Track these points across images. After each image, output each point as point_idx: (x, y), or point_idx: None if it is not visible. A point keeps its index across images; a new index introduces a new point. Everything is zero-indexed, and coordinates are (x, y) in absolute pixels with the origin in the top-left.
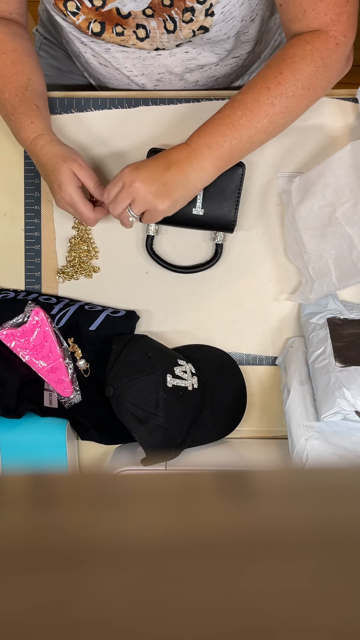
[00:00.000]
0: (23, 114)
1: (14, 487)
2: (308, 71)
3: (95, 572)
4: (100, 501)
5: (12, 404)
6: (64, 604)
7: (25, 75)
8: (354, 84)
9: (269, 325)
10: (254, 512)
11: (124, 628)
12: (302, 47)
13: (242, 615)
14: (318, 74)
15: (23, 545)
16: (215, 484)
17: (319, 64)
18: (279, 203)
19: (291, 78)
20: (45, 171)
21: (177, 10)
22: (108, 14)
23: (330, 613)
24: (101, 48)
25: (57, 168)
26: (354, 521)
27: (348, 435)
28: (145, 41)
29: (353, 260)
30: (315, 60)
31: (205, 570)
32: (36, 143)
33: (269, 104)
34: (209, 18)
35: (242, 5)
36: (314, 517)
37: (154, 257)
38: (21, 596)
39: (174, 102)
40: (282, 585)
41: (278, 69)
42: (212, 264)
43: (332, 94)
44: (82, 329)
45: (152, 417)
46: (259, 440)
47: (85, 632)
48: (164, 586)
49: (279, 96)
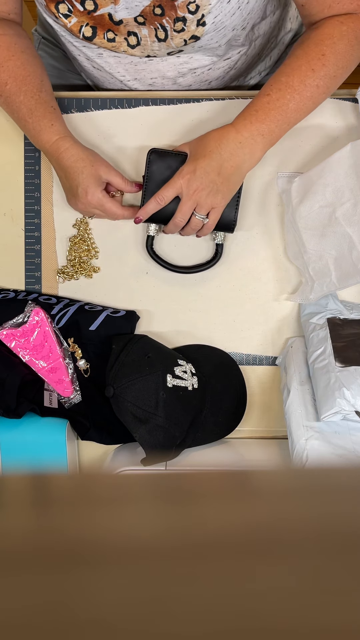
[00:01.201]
0: (42, 117)
1: (14, 487)
2: (346, 50)
3: (95, 572)
4: (100, 501)
5: (12, 404)
6: (65, 603)
7: (37, 76)
8: (354, 84)
9: (269, 325)
10: (254, 512)
11: (124, 628)
12: (338, 28)
13: (243, 615)
14: (354, 52)
15: (23, 545)
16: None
17: (354, 43)
18: (279, 203)
19: (333, 59)
20: (69, 174)
21: (168, 19)
22: (100, 19)
23: (330, 613)
24: (93, 53)
25: (84, 171)
26: (354, 521)
27: (348, 435)
28: (136, 48)
29: (353, 260)
30: (351, 39)
31: (205, 570)
32: (59, 145)
33: (314, 86)
34: (201, 28)
35: (233, 15)
36: (314, 517)
37: (155, 257)
38: (21, 596)
39: (174, 102)
40: (282, 584)
41: (319, 50)
42: (212, 264)
43: (332, 94)
44: (82, 329)
45: (152, 417)
46: (259, 440)
47: (85, 632)
48: (164, 586)
49: (324, 77)
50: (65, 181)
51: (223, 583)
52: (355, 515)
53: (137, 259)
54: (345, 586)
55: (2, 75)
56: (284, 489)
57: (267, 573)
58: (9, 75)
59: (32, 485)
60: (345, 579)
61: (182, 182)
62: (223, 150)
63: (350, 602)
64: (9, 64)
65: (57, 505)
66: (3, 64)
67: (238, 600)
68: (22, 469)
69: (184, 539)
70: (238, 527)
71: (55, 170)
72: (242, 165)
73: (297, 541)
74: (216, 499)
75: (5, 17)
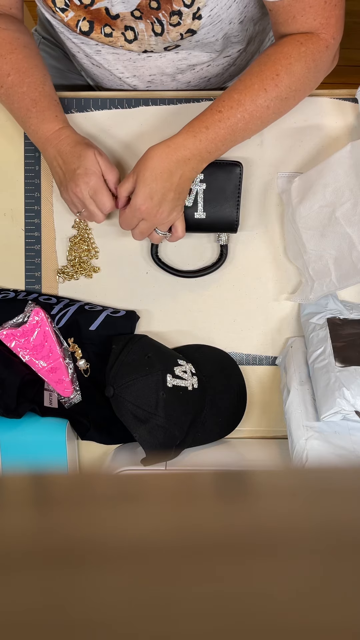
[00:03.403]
0: (46, 108)
1: (14, 487)
2: (302, 73)
3: (95, 572)
4: (100, 501)
5: (12, 404)
6: (65, 604)
7: (40, 70)
8: (354, 84)
9: (269, 325)
10: (254, 512)
11: (124, 628)
12: (297, 49)
13: (243, 615)
14: (310, 76)
15: (23, 545)
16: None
17: (311, 66)
18: (279, 203)
19: (287, 80)
20: (69, 157)
21: (164, 13)
22: (97, 13)
23: (330, 613)
24: (92, 50)
25: (87, 154)
26: (354, 521)
27: (348, 435)
28: (133, 43)
29: (353, 260)
30: (308, 62)
31: (205, 570)
32: (62, 132)
33: (264, 106)
34: (197, 21)
35: (229, 8)
36: (314, 517)
37: (160, 264)
38: (21, 596)
39: (174, 102)
40: (282, 585)
41: (274, 69)
42: (218, 266)
43: (332, 94)
44: (82, 329)
45: (152, 417)
46: (259, 440)
47: (85, 632)
48: (164, 586)
49: (275, 99)
50: (63, 166)
51: (223, 583)
52: (355, 516)
53: (137, 259)
54: (345, 586)
55: (5, 66)
56: (283, 489)
57: (267, 573)
58: (12, 67)
59: (32, 485)
60: (345, 579)
61: (139, 206)
62: (172, 167)
63: (350, 602)
64: (11, 57)
65: (57, 505)
66: (6, 56)
67: (238, 600)
68: (22, 469)
69: (185, 540)
70: (238, 527)
71: (50, 159)
72: (190, 175)
73: (297, 541)
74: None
75: (6, 12)
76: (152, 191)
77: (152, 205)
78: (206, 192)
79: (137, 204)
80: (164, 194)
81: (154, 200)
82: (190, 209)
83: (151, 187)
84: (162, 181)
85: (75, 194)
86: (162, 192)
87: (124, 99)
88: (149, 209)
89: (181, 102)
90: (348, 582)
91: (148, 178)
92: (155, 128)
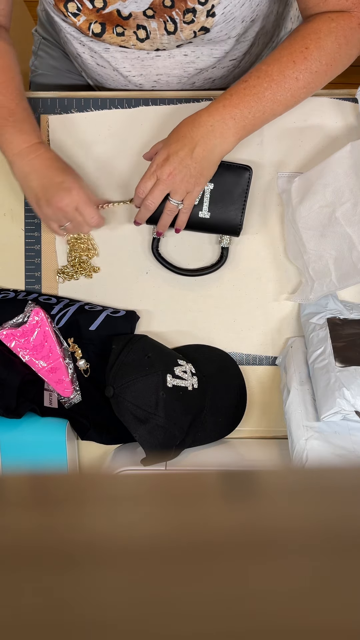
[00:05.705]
0: (23, 120)
1: (14, 487)
2: (332, 48)
3: (95, 572)
4: (100, 501)
5: (12, 404)
6: (65, 603)
7: (16, 83)
8: (354, 84)
9: (269, 325)
10: (254, 512)
11: (124, 628)
12: (327, 24)
13: (243, 615)
14: (341, 52)
15: (23, 545)
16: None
17: (342, 42)
18: (279, 203)
19: (316, 54)
20: (51, 170)
21: (177, 11)
22: (109, 16)
23: (330, 613)
24: (100, 47)
25: (66, 168)
26: (354, 521)
27: (348, 435)
28: (145, 42)
29: (353, 260)
30: (339, 37)
31: (205, 571)
32: (39, 146)
33: (293, 78)
34: (210, 19)
35: (243, 6)
36: (314, 517)
37: (160, 259)
38: (21, 596)
39: (174, 102)
40: (282, 585)
41: (304, 43)
42: (217, 267)
43: (332, 94)
44: (82, 329)
45: (152, 417)
46: (259, 440)
47: (85, 632)
48: (164, 586)
49: (304, 71)
50: (42, 180)
51: (224, 583)
52: (356, 515)
53: (137, 259)
54: (345, 586)
55: None
56: (284, 489)
57: (267, 573)
58: None
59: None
60: (345, 579)
61: (155, 168)
62: (195, 134)
63: (350, 602)
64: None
65: (57, 505)
66: None
67: (238, 600)
68: (22, 469)
69: (185, 539)
70: (238, 527)
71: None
72: (214, 149)
73: (297, 541)
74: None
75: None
76: (170, 151)
77: (169, 164)
78: (213, 192)
79: (156, 160)
80: (180, 156)
81: (171, 161)
82: (195, 207)
83: (171, 147)
84: (181, 144)
85: (60, 208)
86: (180, 156)
87: (124, 99)
88: (163, 165)
89: (181, 102)
90: (349, 581)
91: (171, 139)
92: (155, 128)
